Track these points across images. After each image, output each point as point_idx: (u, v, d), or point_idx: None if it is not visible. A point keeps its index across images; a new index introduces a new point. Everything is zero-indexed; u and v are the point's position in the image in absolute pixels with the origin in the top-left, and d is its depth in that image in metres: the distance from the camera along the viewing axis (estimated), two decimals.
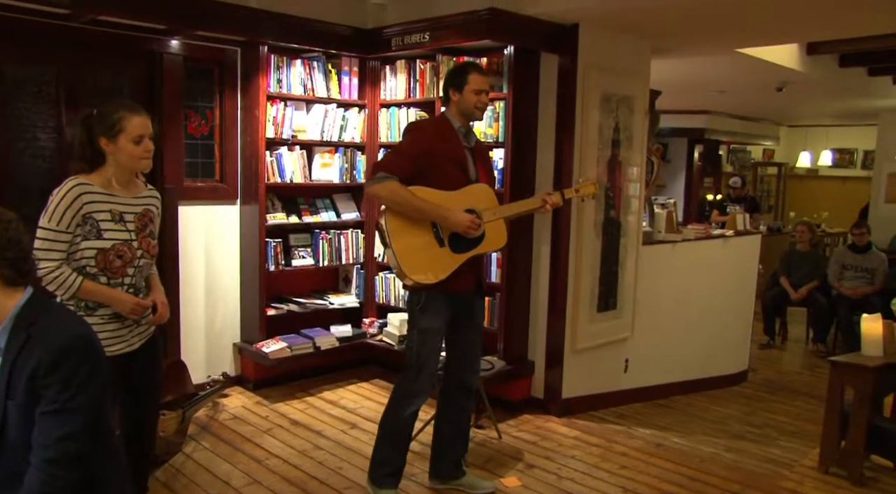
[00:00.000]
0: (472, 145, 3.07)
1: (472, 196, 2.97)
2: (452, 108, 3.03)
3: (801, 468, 3.78)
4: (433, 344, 3.02)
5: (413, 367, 3.02)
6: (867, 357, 3.63)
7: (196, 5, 3.85)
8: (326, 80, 4.71)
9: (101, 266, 2.38)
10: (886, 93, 7.39)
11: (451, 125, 3.02)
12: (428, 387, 3.06)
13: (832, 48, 5.68)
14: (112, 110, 2.40)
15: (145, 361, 2.58)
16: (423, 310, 2.98)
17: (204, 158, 4.51)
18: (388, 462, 3.11)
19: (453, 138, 3.00)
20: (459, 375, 3.18)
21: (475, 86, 2.97)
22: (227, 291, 4.62)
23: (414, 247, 2.89)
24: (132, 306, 2.44)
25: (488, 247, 3.02)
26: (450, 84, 3.03)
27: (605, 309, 4.50)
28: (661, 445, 4.05)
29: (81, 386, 1.63)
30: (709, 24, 4.22)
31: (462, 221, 2.86)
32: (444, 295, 2.97)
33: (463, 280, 2.99)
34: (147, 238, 2.51)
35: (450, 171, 2.95)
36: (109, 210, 2.40)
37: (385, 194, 2.86)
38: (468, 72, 3.01)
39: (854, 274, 6.66)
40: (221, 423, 4.06)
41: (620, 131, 4.44)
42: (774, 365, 6.40)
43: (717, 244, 5.38)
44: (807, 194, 12.26)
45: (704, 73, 6.32)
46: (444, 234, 2.92)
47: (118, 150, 2.39)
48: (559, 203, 3.13)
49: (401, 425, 3.08)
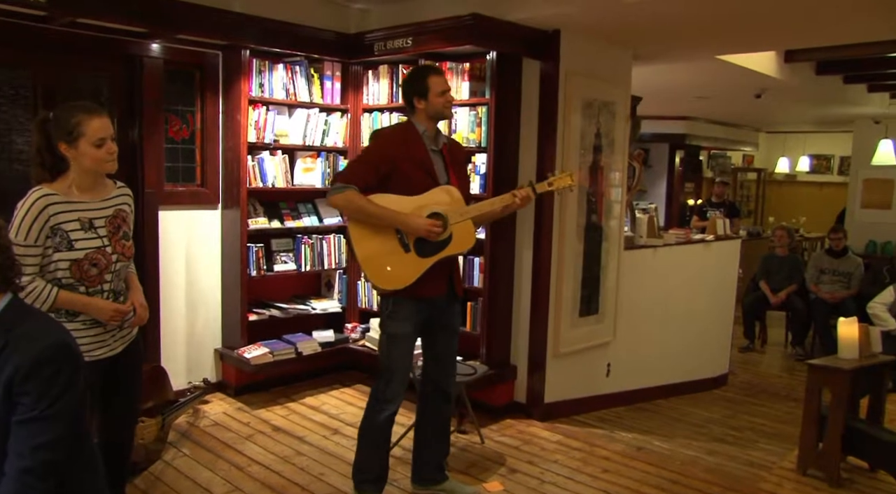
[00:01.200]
0: (439, 147, 3.05)
1: (437, 198, 2.96)
2: (420, 115, 3.02)
3: (780, 470, 3.82)
4: (403, 350, 3.02)
5: (385, 373, 3.03)
6: (843, 360, 3.68)
7: (177, 8, 3.82)
8: (309, 85, 4.70)
9: (77, 276, 2.33)
10: (861, 101, 7.52)
11: (415, 130, 3.01)
12: (401, 392, 3.05)
13: (809, 56, 5.77)
14: (69, 114, 2.31)
15: (127, 366, 2.54)
16: (392, 316, 2.98)
17: (185, 163, 4.47)
18: (368, 467, 3.12)
19: (417, 143, 2.99)
20: (437, 380, 3.18)
21: (438, 88, 2.97)
22: (208, 296, 4.59)
23: (378, 254, 2.91)
24: (111, 313, 2.39)
25: (455, 249, 2.98)
26: (412, 92, 3.00)
27: (587, 313, 4.53)
28: (642, 448, 4.08)
29: (59, 394, 1.61)
30: (688, 31, 4.27)
31: (420, 226, 2.86)
32: (413, 301, 2.97)
33: (432, 285, 2.97)
34: (121, 240, 2.45)
35: (414, 176, 2.94)
36: (78, 219, 2.33)
37: (342, 204, 2.90)
38: (427, 76, 2.99)
39: (831, 278, 6.76)
40: (202, 430, 4.02)
41: (602, 136, 4.47)
42: (754, 368, 6.47)
43: (697, 249, 5.43)
44: (785, 199, 12.42)
45: (685, 80, 6.39)
46: (408, 240, 2.92)
47: (80, 155, 2.31)
48: (530, 197, 3.03)
49: (377, 430, 3.08)
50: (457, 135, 4.37)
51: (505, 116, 4.23)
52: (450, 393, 3.23)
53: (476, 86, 4.29)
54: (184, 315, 4.48)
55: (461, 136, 4.34)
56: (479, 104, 4.25)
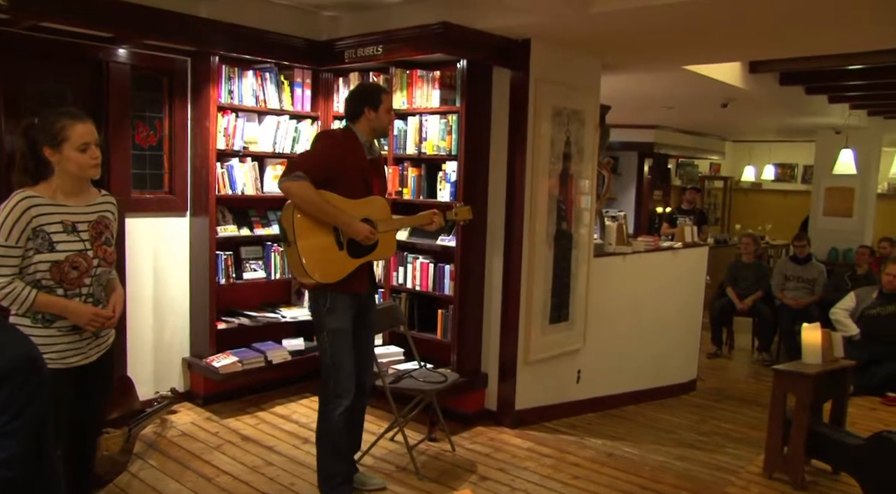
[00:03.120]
0: (372, 157, 3.25)
1: (372, 206, 3.16)
2: (363, 124, 3.18)
3: (746, 474, 3.88)
4: (344, 344, 3.14)
5: (331, 370, 3.14)
6: (807, 365, 3.75)
7: (144, 14, 3.77)
8: (279, 92, 4.68)
9: (57, 278, 2.32)
10: (822, 112, 7.70)
11: (357, 138, 3.18)
12: (349, 386, 3.14)
13: (772, 67, 5.89)
14: (54, 119, 2.34)
15: (98, 375, 2.51)
16: (331, 311, 3.11)
17: (152, 169, 4.41)
18: (335, 471, 3.17)
19: (359, 150, 3.17)
20: (356, 374, 3.27)
21: (388, 105, 3.22)
22: (175, 305, 4.52)
23: (316, 248, 3.04)
24: (90, 317, 2.38)
25: (379, 255, 3.23)
26: (366, 102, 3.18)
27: (558, 320, 4.56)
28: (612, 455, 4.11)
29: (21, 410, 1.56)
30: (655, 42, 4.34)
31: (362, 230, 3.05)
32: (347, 296, 3.13)
33: (360, 281, 3.18)
34: (103, 246, 2.45)
35: (353, 182, 3.11)
36: (61, 221, 2.34)
37: (299, 192, 2.98)
38: (382, 92, 3.22)
39: (796, 284, 6.90)
40: (169, 440, 3.95)
41: (572, 144, 4.52)
42: (722, 373, 6.56)
43: (666, 256, 5.51)
44: (751, 207, 12.65)
45: (653, 89, 6.48)
46: (343, 239, 3.09)
47: (64, 160, 2.34)
48: (442, 224, 3.37)
49: (335, 430, 3.14)
50: (427, 143, 4.38)
51: (475, 124, 4.25)
52: (367, 387, 3.37)
53: (446, 95, 4.31)
54: (151, 323, 4.41)
55: (432, 144, 4.36)
56: (449, 112, 4.27)
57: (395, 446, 3.98)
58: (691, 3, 3.32)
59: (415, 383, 3.77)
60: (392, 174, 4.54)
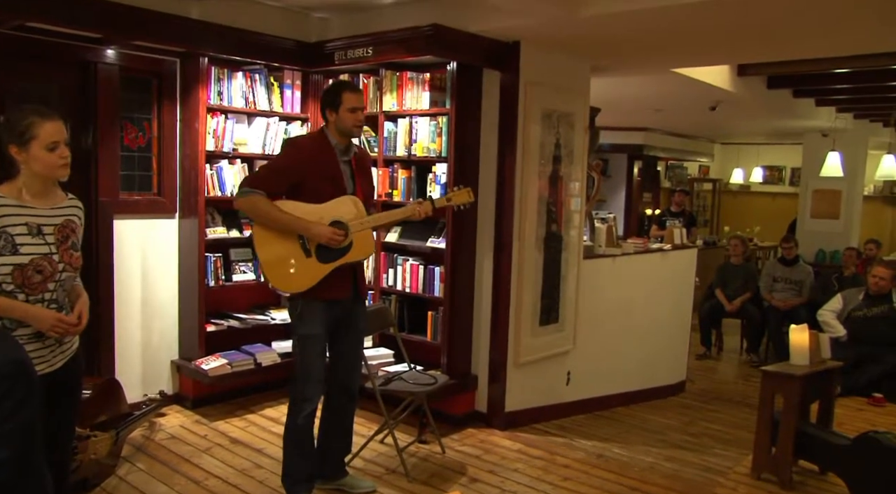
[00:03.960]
0: (349, 158, 3.19)
1: (341, 207, 3.09)
2: (331, 128, 3.15)
3: (735, 475, 3.89)
4: (316, 350, 3.13)
5: (300, 373, 3.14)
6: (795, 366, 3.78)
7: (132, 14, 3.75)
8: (268, 93, 4.67)
9: (19, 282, 2.23)
10: (810, 115, 7.77)
11: (328, 142, 3.14)
12: (317, 391, 3.16)
13: (760, 70, 5.95)
14: (21, 116, 2.26)
15: (65, 382, 2.42)
16: (301, 317, 3.10)
17: (141, 171, 4.39)
18: (297, 469, 3.21)
19: (329, 155, 3.13)
20: (342, 379, 3.30)
21: (350, 104, 3.09)
22: (164, 307, 4.50)
23: (279, 258, 3.02)
24: (53, 322, 2.28)
25: (355, 256, 3.12)
26: (325, 104, 3.14)
27: (548, 322, 4.57)
28: (602, 456, 4.12)
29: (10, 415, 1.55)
30: (643, 45, 4.36)
31: (323, 233, 2.99)
32: (320, 303, 3.09)
33: (337, 288, 3.11)
34: (69, 250, 2.37)
35: (322, 187, 3.08)
36: (25, 223, 2.26)
37: (248, 208, 3.02)
38: (342, 91, 3.12)
39: (784, 286, 6.94)
40: (158, 443, 3.93)
41: (561, 147, 4.53)
42: (711, 375, 6.59)
43: (655, 258, 5.53)
44: (740, 209, 12.73)
45: (642, 92, 6.52)
46: (310, 246, 3.04)
47: (31, 159, 2.26)
48: (429, 212, 3.23)
49: (300, 431, 3.17)
50: (417, 144, 4.38)
51: (465, 126, 4.26)
52: (355, 391, 3.35)
53: (437, 97, 4.32)
54: (139, 326, 4.39)
55: (422, 146, 4.36)
56: (439, 114, 4.27)
57: (385, 448, 3.97)
58: (680, 7, 3.34)
59: (405, 385, 3.77)
60: (382, 176, 4.54)
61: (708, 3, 3.25)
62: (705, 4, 3.29)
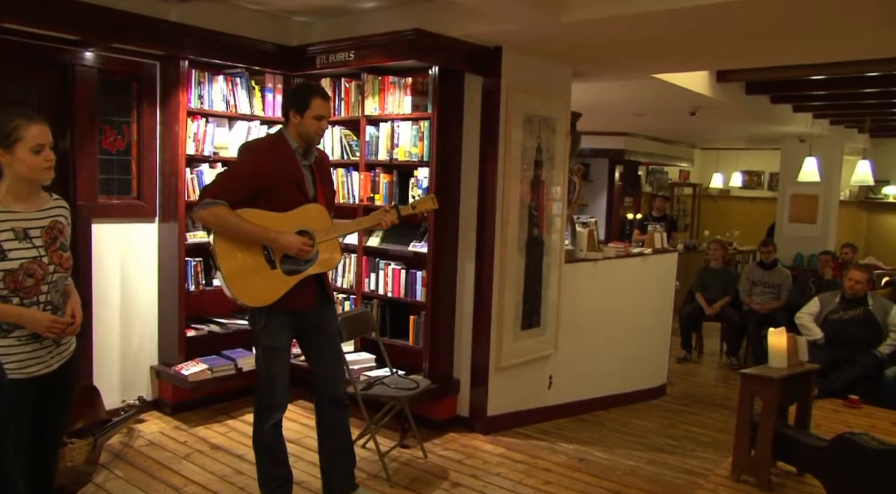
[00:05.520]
0: (310, 163, 3.04)
1: (306, 216, 2.94)
2: (291, 129, 2.98)
3: (715, 477, 3.92)
4: (280, 360, 3.00)
5: (265, 384, 3.02)
6: (773, 369, 3.82)
7: (111, 16, 3.72)
8: (250, 97, 4.64)
9: (12, 287, 2.24)
10: (787, 120, 7.87)
11: (287, 145, 2.98)
12: (283, 399, 3.04)
13: (739, 76, 6.01)
14: (7, 118, 2.25)
15: (60, 384, 2.45)
16: (265, 330, 2.96)
17: (120, 174, 4.35)
18: (271, 477, 3.10)
19: (289, 159, 2.96)
20: (326, 387, 3.15)
21: (317, 111, 2.94)
22: (144, 312, 4.45)
23: (243, 270, 2.86)
24: (48, 324, 2.31)
25: (321, 267, 2.99)
26: (291, 105, 2.97)
27: (529, 326, 4.58)
28: (584, 459, 4.13)
29: None
30: (624, 51, 4.40)
31: (293, 244, 2.84)
32: (284, 314, 2.96)
33: (301, 297, 2.96)
34: (58, 251, 2.38)
35: (286, 192, 2.92)
36: (11, 228, 2.26)
37: (211, 219, 2.82)
38: (312, 96, 2.95)
39: (763, 289, 7.01)
40: (137, 450, 3.89)
41: (543, 151, 4.55)
42: (691, 378, 6.64)
43: (636, 262, 5.56)
44: (719, 213, 12.86)
45: (623, 97, 6.57)
46: (275, 257, 2.89)
47: (16, 161, 2.25)
48: (396, 221, 3.12)
49: (268, 439, 3.06)
50: (399, 149, 4.38)
51: (447, 131, 4.26)
52: (341, 399, 3.19)
53: (418, 101, 4.32)
54: (118, 331, 4.34)
55: (404, 150, 4.36)
56: (421, 119, 4.28)
57: (367, 453, 3.95)
58: (660, 13, 3.38)
59: (386, 389, 3.76)
60: (364, 180, 4.54)
61: (688, 9, 3.28)
62: (685, 11, 3.32)
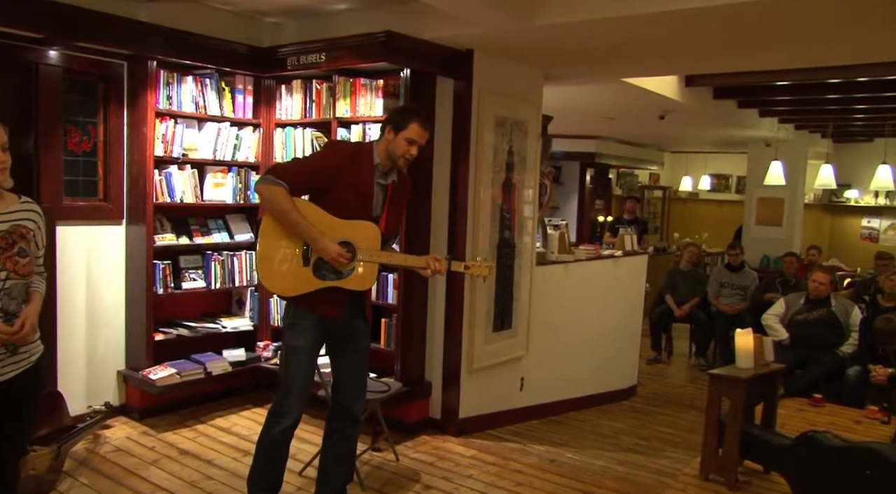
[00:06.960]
0: (386, 183, 2.99)
1: (357, 231, 2.89)
2: (381, 144, 2.96)
3: (684, 476, 3.97)
4: (301, 362, 2.95)
5: (282, 385, 2.97)
6: (740, 369, 3.88)
7: (74, 14, 3.65)
8: (220, 98, 4.59)
9: None
10: (753, 125, 8.02)
11: (371, 157, 2.95)
12: (297, 406, 2.97)
13: (707, 81, 6.12)
14: None
15: (15, 395, 2.34)
16: (291, 327, 2.95)
17: (86, 176, 4.27)
18: (262, 479, 3.04)
19: (366, 171, 2.92)
20: (344, 401, 3.11)
21: (411, 135, 2.91)
22: (110, 316, 4.38)
23: (276, 256, 2.87)
24: None
25: (353, 284, 2.91)
26: (391, 121, 2.95)
27: (501, 328, 4.59)
28: (555, 461, 4.16)
29: None
30: (595, 55, 4.44)
31: (329, 249, 2.80)
32: (312, 316, 2.93)
33: (327, 304, 2.92)
34: (14, 257, 2.29)
35: (349, 200, 2.89)
36: None
37: (267, 195, 2.82)
38: (412, 119, 2.93)
39: (730, 291, 7.13)
40: (103, 456, 3.82)
41: (514, 154, 4.58)
42: (661, 379, 6.72)
43: (607, 264, 5.61)
44: (689, 216, 13.04)
45: (593, 100, 6.63)
46: (312, 255, 2.87)
47: None
48: (442, 271, 3.00)
49: (273, 443, 3.00)
50: None
51: None
52: (356, 416, 3.14)
53: (390, 103, 4.31)
54: (84, 335, 4.26)
55: None
56: None
57: None
58: (630, 18, 3.42)
59: None
60: None
61: (659, 15, 3.33)
62: (656, 17, 3.36)
